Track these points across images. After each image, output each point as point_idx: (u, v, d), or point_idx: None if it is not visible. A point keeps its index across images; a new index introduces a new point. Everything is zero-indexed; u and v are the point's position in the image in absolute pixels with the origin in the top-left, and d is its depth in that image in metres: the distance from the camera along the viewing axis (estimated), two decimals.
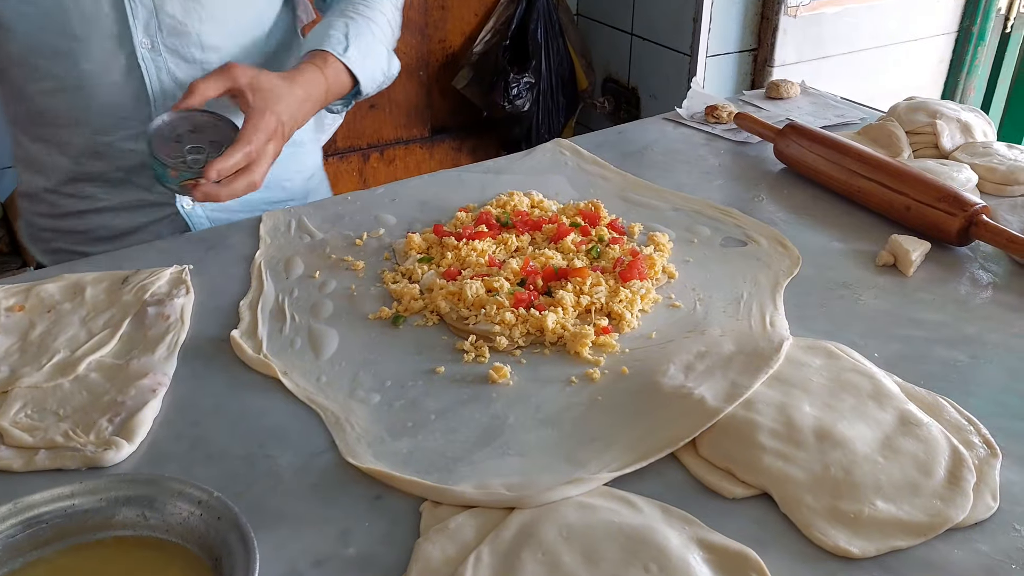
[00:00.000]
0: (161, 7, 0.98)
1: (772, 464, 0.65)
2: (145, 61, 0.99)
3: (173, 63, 1.01)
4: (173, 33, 1.00)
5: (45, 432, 0.70)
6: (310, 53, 1.05)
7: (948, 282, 0.94)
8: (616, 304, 0.86)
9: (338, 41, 1.05)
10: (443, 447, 0.70)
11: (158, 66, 1.00)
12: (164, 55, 1.00)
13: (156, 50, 1.00)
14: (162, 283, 0.91)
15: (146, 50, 0.99)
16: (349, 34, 1.07)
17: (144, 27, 0.98)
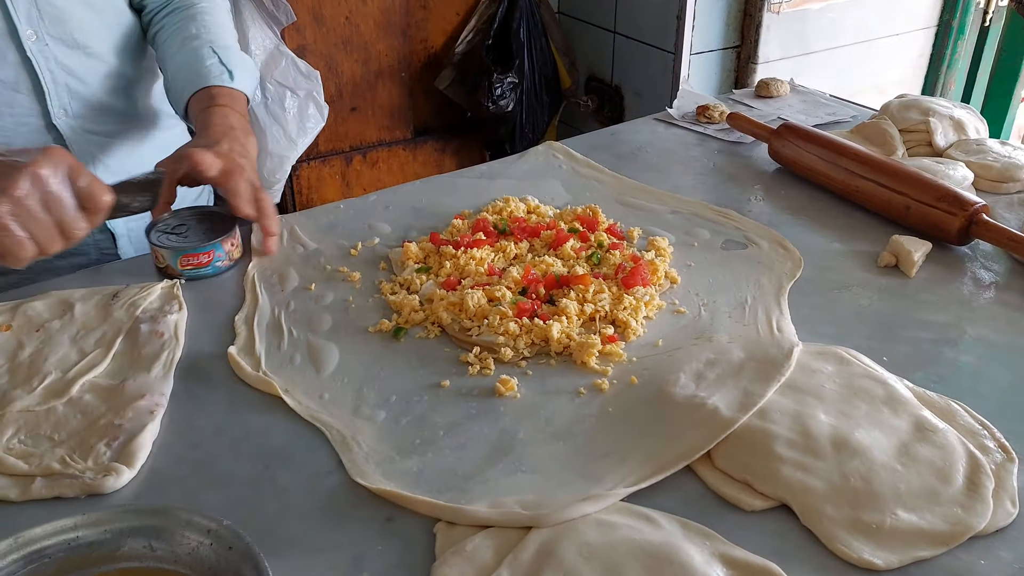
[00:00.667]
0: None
1: (791, 475, 0.65)
2: (34, 54, 0.98)
3: (60, 52, 1.00)
4: (55, 21, 0.99)
5: (41, 459, 0.68)
6: (201, 94, 1.04)
7: (950, 282, 0.93)
8: (621, 312, 0.85)
9: (219, 71, 1.06)
10: (454, 464, 0.69)
11: (47, 57, 1.00)
12: (50, 45, 0.99)
13: (42, 40, 0.99)
14: (153, 298, 0.89)
15: (32, 42, 0.98)
16: (224, 60, 1.07)
17: (27, 18, 0.97)
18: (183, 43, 1.08)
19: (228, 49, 1.09)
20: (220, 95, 1.03)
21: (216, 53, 1.07)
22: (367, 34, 2.12)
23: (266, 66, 1.87)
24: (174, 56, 1.08)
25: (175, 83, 1.07)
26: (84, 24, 1.03)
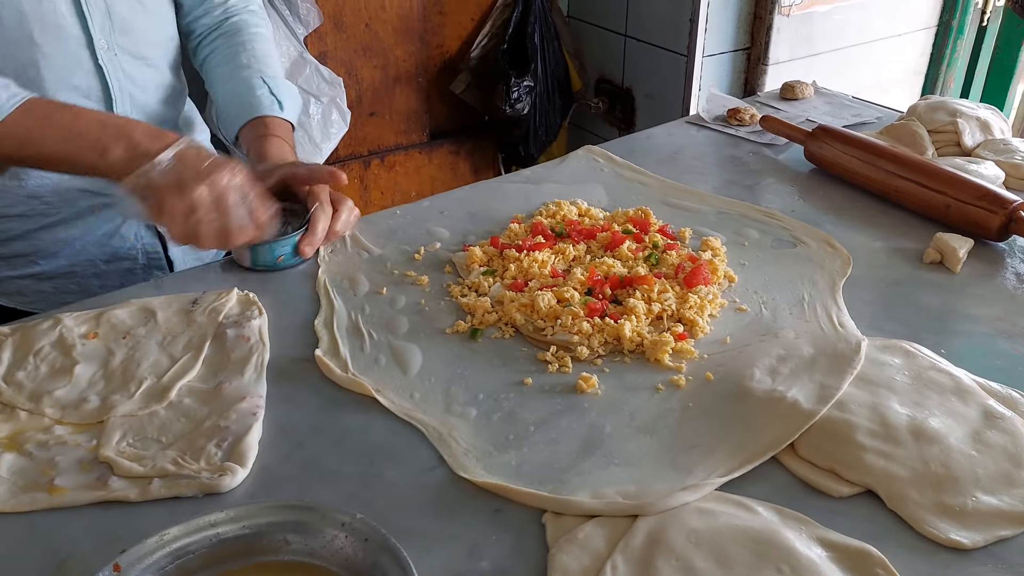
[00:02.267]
0: (113, 9, 1.02)
1: (875, 463, 0.68)
2: (104, 63, 1.03)
3: (126, 62, 1.05)
4: (124, 32, 1.04)
5: (154, 461, 0.70)
6: (254, 123, 1.10)
7: (994, 277, 0.98)
8: (687, 310, 0.89)
9: (270, 102, 1.12)
10: (549, 458, 0.72)
11: (115, 66, 1.04)
12: (118, 55, 1.04)
13: (112, 50, 1.03)
14: (232, 304, 0.92)
15: (104, 51, 1.03)
16: (274, 91, 1.13)
17: (100, 28, 1.02)
18: (234, 71, 1.13)
19: (276, 79, 1.14)
20: (271, 125, 1.09)
21: (266, 83, 1.12)
22: (386, 40, 2.15)
23: (290, 73, 1.90)
24: (225, 83, 1.14)
25: (226, 111, 1.13)
26: (147, 36, 1.08)
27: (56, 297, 1.12)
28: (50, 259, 1.10)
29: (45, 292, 1.12)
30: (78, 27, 1.00)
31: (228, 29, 1.18)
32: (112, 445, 0.72)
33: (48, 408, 0.76)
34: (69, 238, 1.10)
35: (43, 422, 0.75)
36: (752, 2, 2.17)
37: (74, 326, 0.87)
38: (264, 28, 1.22)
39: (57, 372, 0.81)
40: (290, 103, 1.15)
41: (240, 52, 1.16)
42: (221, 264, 1.02)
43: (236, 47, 1.16)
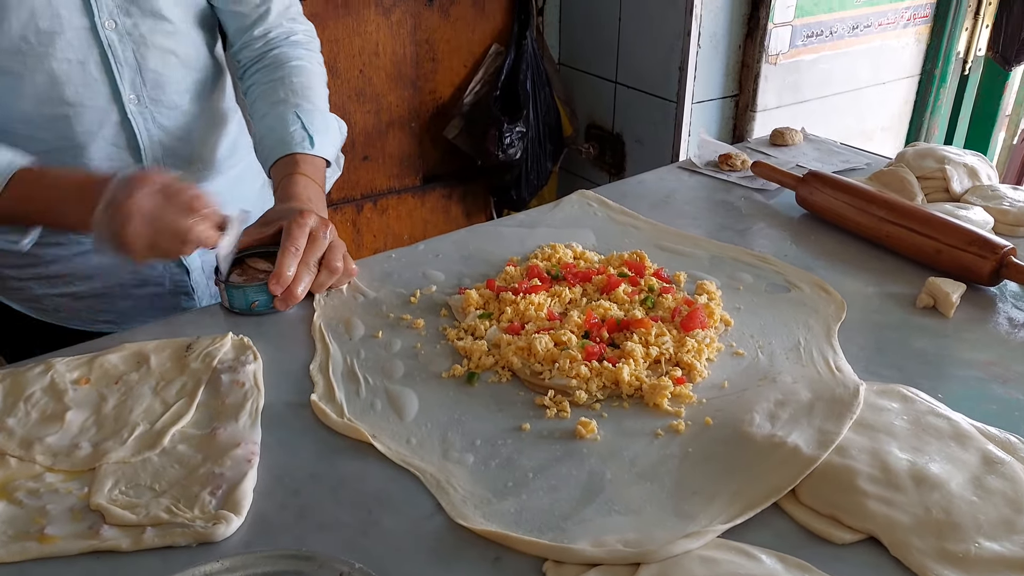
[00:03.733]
0: (144, 64, 1.06)
1: (876, 509, 0.68)
2: (133, 116, 1.07)
3: (157, 112, 1.09)
4: (156, 86, 1.08)
5: (147, 509, 0.69)
6: (284, 160, 1.10)
7: (986, 322, 0.98)
8: (684, 354, 0.89)
9: (301, 138, 1.11)
10: (549, 506, 0.71)
11: (145, 117, 1.08)
12: (149, 107, 1.08)
13: (142, 104, 1.07)
14: (227, 349, 0.91)
15: (133, 105, 1.06)
16: (306, 125, 1.12)
17: (131, 85, 1.05)
18: (271, 107, 1.14)
19: (312, 113, 1.13)
20: (301, 163, 1.09)
21: (300, 118, 1.11)
22: (379, 86, 2.18)
23: None
24: (263, 118, 1.14)
25: (262, 146, 1.13)
26: (179, 85, 1.10)
27: (89, 315, 1.17)
28: (85, 281, 1.15)
29: (79, 310, 1.16)
30: (107, 84, 1.03)
31: (269, 62, 1.19)
32: (104, 493, 0.71)
33: (39, 455, 0.75)
34: (102, 264, 1.13)
35: (34, 469, 0.74)
36: (740, 51, 2.21)
37: (66, 371, 0.86)
38: (307, 60, 1.21)
39: (48, 418, 0.80)
40: (324, 138, 1.13)
41: (278, 86, 1.16)
42: (214, 308, 1.01)
43: (274, 81, 1.17)
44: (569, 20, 2.49)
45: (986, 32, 2.53)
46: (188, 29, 1.10)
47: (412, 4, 2.19)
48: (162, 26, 1.06)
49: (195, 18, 1.12)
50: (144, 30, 1.04)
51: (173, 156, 1.12)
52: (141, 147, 1.08)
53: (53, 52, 0.99)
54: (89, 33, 1.00)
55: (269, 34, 1.20)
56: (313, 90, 1.17)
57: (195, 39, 1.12)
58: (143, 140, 1.08)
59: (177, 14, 1.07)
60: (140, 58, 1.04)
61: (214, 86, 1.18)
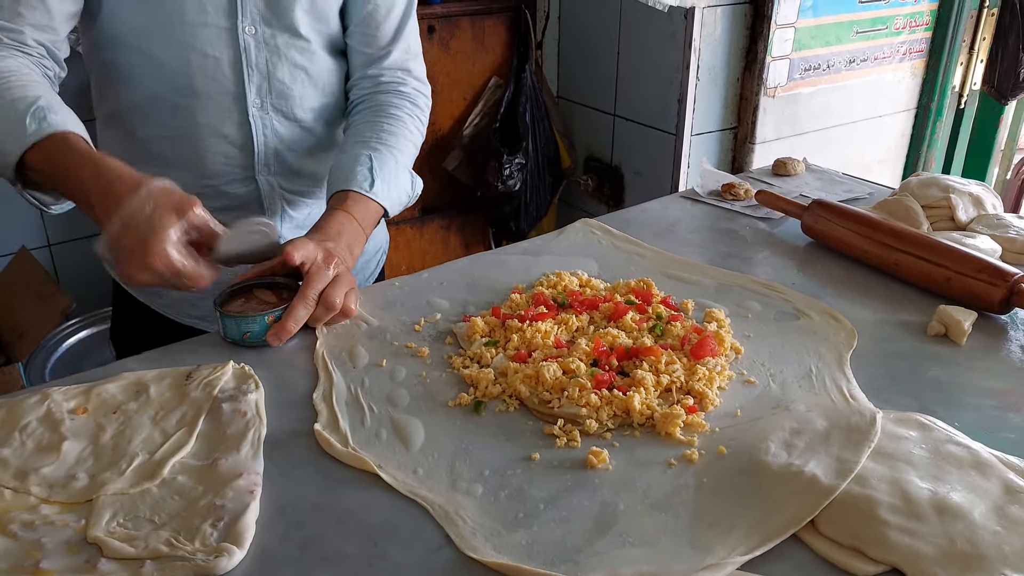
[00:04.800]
0: (273, 73, 1.11)
1: (899, 540, 0.66)
2: (254, 119, 1.12)
3: (277, 121, 1.14)
4: (280, 96, 1.13)
5: (146, 542, 0.67)
6: (339, 195, 1.10)
7: (998, 350, 0.97)
8: (696, 382, 0.87)
9: (364, 178, 1.10)
10: (561, 537, 0.69)
11: (264, 123, 1.13)
12: (271, 114, 1.13)
13: (264, 109, 1.12)
14: (228, 378, 0.89)
15: (256, 109, 1.11)
16: (374, 168, 1.11)
17: (257, 90, 1.10)
18: (352, 145, 1.15)
19: (386, 159, 1.12)
20: (350, 199, 1.08)
21: (371, 160, 1.11)
22: None
23: None
24: (341, 154, 1.15)
25: (330, 178, 1.13)
26: (304, 102, 1.15)
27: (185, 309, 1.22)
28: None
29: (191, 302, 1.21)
30: (236, 84, 1.08)
31: (372, 104, 1.20)
32: (102, 525, 0.68)
33: (34, 486, 0.73)
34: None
35: (29, 501, 0.72)
36: (738, 83, 2.23)
37: (62, 400, 0.84)
38: (406, 112, 1.20)
39: (44, 449, 0.78)
40: (388, 185, 1.11)
41: (367, 128, 1.17)
42: (214, 337, 1.00)
43: (367, 123, 1.18)
44: (567, 54, 2.50)
45: (981, 66, 2.55)
46: (322, 52, 1.15)
47: None
48: (297, 43, 1.11)
49: (330, 45, 1.16)
50: (280, 42, 1.09)
51: (292, 169, 1.17)
52: (256, 150, 1.12)
53: (193, 43, 1.05)
54: (229, 34, 1.06)
55: (381, 77, 1.21)
56: (399, 140, 1.17)
57: (328, 64, 1.17)
58: (258, 143, 1.12)
59: (313, 36, 1.12)
60: (271, 66, 1.09)
61: (341, 113, 1.22)
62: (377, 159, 1.12)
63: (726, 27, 2.14)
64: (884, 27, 2.35)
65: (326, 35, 1.15)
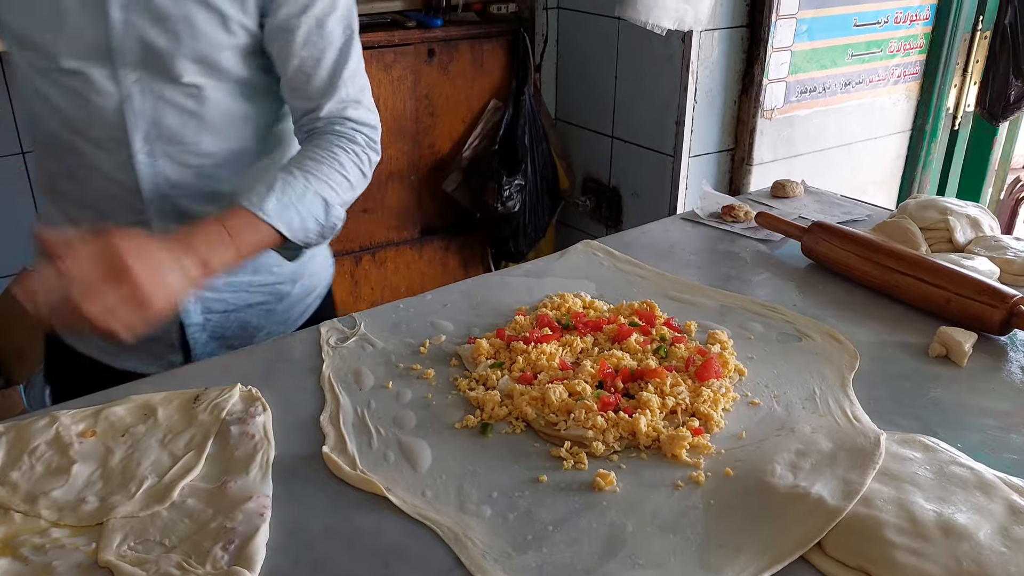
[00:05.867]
0: (161, 120, 1.04)
1: (907, 561, 0.66)
2: (142, 165, 1.05)
3: (169, 167, 1.06)
4: (171, 142, 1.05)
5: (157, 565, 0.67)
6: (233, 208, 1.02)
7: (999, 371, 0.98)
8: (701, 404, 0.88)
9: (259, 195, 1.00)
10: (571, 560, 0.69)
11: (154, 170, 1.05)
12: (160, 160, 1.05)
13: (153, 156, 1.05)
14: (235, 401, 0.89)
15: (144, 155, 1.04)
16: (276, 187, 1.01)
17: (144, 136, 1.03)
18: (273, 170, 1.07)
19: (294, 182, 1.02)
20: (234, 213, 0.99)
21: (276, 180, 1.02)
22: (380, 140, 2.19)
23: None
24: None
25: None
26: (200, 147, 1.07)
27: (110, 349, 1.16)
28: None
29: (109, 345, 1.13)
30: (121, 131, 1.03)
31: (310, 141, 1.11)
32: (112, 548, 0.69)
33: (44, 510, 0.73)
34: None
35: (39, 524, 0.72)
36: (736, 106, 2.25)
37: (71, 424, 0.85)
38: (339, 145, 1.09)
39: (54, 472, 0.78)
40: (282, 207, 1.00)
41: (294, 158, 1.08)
42: (221, 360, 1.00)
43: (297, 154, 1.10)
44: (566, 77, 2.53)
45: (974, 89, 2.58)
46: (222, 98, 1.06)
47: (412, 60, 2.22)
48: (185, 89, 1.03)
49: (237, 90, 1.07)
50: (165, 90, 1.02)
51: (180, 213, 1.08)
52: (144, 196, 1.06)
53: (79, 87, 1.02)
54: (110, 80, 1.01)
55: (317, 124, 1.11)
56: (320, 167, 1.06)
57: (234, 109, 1.08)
58: (146, 190, 1.06)
59: (206, 82, 1.04)
60: (158, 113, 1.03)
61: (256, 157, 1.13)
62: (283, 180, 1.02)
63: (723, 50, 2.17)
64: (879, 50, 2.38)
65: (228, 80, 1.06)
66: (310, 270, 1.26)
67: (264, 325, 1.22)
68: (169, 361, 1.17)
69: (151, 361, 1.16)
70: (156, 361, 1.16)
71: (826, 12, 2.22)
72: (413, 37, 2.21)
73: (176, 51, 1.00)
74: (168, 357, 1.17)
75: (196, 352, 1.17)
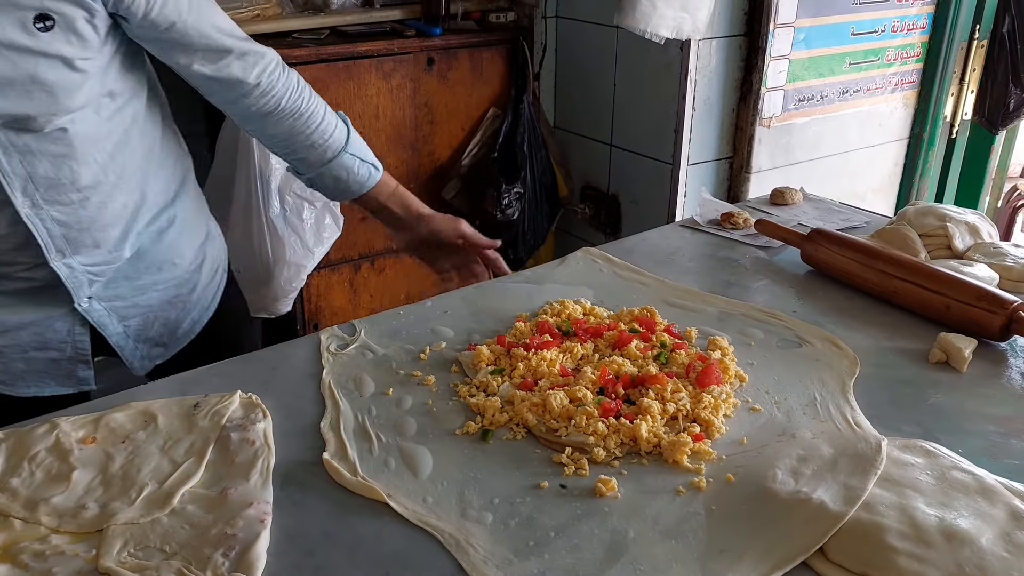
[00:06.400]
0: (34, 172, 1.00)
1: (909, 566, 0.66)
2: (28, 217, 1.01)
3: (56, 211, 1.03)
4: (51, 188, 1.01)
5: (157, 571, 0.67)
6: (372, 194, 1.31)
7: (999, 376, 0.98)
8: (701, 410, 0.88)
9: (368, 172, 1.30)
10: (573, 566, 0.69)
11: (41, 218, 1.02)
12: (44, 207, 1.02)
13: (37, 206, 1.01)
14: (235, 407, 0.89)
15: (28, 208, 1.00)
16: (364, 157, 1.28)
17: (23, 191, 0.99)
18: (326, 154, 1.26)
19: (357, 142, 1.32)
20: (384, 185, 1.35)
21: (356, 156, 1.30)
22: (379, 148, 2.19)
23: (285, 179, 1.92)
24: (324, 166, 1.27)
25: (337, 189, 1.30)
26: (78, 182, 1.03)
27: None
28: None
29: None
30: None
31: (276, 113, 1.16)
32: (113, 555, 0.69)
33: (44, 516, 0.73)
34: (5, 321, 1.08)
35: (39, 531, 0.72)
36: (734, 114, 2.25)
37: (71, 430, 0.84)
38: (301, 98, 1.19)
39: (54, 478, 0.78)
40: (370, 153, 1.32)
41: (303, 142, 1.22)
42: (220, 367, 1.00)
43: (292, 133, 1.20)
44: (564, 85, 2.53)
45: (971, 97, 2.59)
46: (89, 129, 1.02)
47: (412, 69, 2.22)
48: (50, 136, 0.99)
49: (97, 116, 1.03)
50: (31, 143, 0.97)
51: (79, 245, 1.06)
52: (42, 245, 1.02)
53: None
54: None
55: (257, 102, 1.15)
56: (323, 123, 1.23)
57: (99, 134, 1.04)
58: (42, 237, 1.02)
59: (68, 120, 0.99)
60: (29, 167, 0.98)
61: (140, 158, 1.11)
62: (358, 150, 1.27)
63: (721, 59, 2.17)
64: (876, 59, 2.39)
65: (89, 107, 1.01)
66: (209, 251, 1.27)
67: (184, 315, 1.23)
68: (79, 378, 1.15)
69: (58, 383, 1.14)
70: (67, 382, 1.14)
71: (824, 21, 2.23)
72: (412, 46, 2.21)
73: (32, 109, 0.95)
74: (78, 374, 1.15)
75: (126, 356, 1.18)
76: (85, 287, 1.09)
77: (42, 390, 1.14)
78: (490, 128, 2.36)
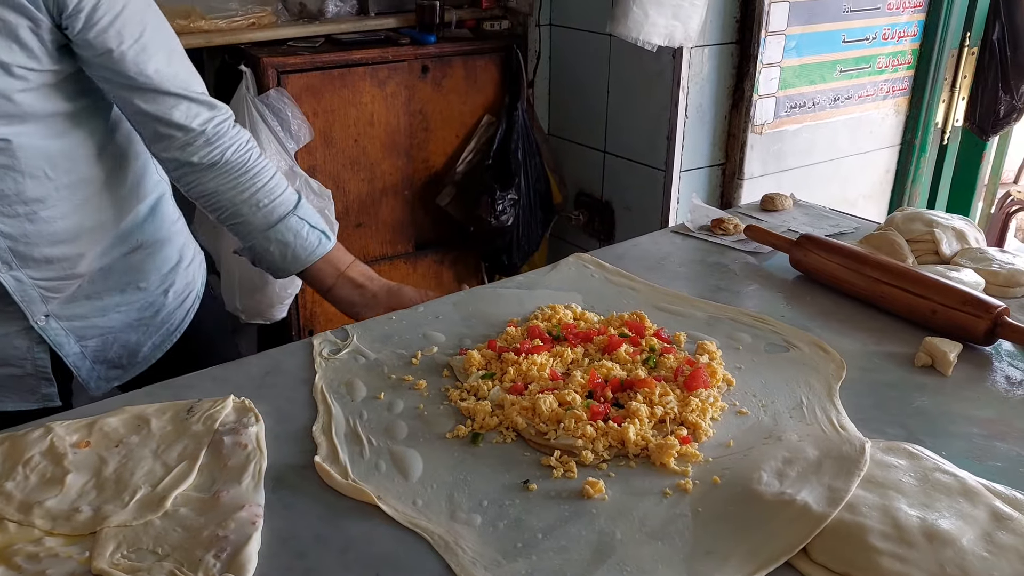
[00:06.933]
0: None
1: (891, 566, 0.67)
2: None
3: (2, 223, 1.02)
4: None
5: (149, 573, 0.68)
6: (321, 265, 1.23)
7: (984, 380, 0.99)
8: (689, 414, 0.89)
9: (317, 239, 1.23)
10: (560, 567, 0.70)
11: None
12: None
13: None
14: (228, 411, 0.90)
15: None
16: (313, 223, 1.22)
17: None
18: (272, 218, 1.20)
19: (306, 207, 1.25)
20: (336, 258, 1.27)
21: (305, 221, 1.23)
22: (373, 155, 2.21)
23: None
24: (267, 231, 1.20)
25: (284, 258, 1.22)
26: (25, 195, 1.02)
27: None
28: None
29: None
30: None
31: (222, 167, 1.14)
32: (106, 557, 0.69)
33: (38, 519, 0.74)
34: None
35: (33, 533, 0.72)
36: (726, 121, 2.27)
37: (65, 434, 0.85)
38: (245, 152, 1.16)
39: (48, 482, 0.79)
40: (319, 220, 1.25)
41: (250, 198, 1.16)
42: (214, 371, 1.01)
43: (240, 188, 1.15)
44: (558, 92, 2.55)
45: (963, 104, 2.61)
46: (37, 141, 1.01)
47: (406, 76, 2.24)
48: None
49: (45, 131, 1.02)
50: None
51: (27, 259, 1.06)
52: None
53: None
54: None
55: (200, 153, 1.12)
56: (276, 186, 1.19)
57: (47, 149, 1.03)
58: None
59: (10, 131, 0.98)
60: None
61: (93, 183, 1.10)
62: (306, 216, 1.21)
63: (713, 66, 2.19)
64: (867, 66, 2.41)
65: (35, 122, 1.01)
66: (179, 277, 1.26)
67: (146, 339, 1.23)
68: (43, 395, 1.16)
69: (20, 398, 1.15)
70: (29, 397, 1.15)
71: (815, 28, 2.25)
72: (407, 54, 2.23)
73: None
74: (41, 391, 1.16)
75: (82, 376, 1.18)
76: (38, 303, 1.09)
77: (5, 405, 1.14)
78: (484, 135, 2.38)
